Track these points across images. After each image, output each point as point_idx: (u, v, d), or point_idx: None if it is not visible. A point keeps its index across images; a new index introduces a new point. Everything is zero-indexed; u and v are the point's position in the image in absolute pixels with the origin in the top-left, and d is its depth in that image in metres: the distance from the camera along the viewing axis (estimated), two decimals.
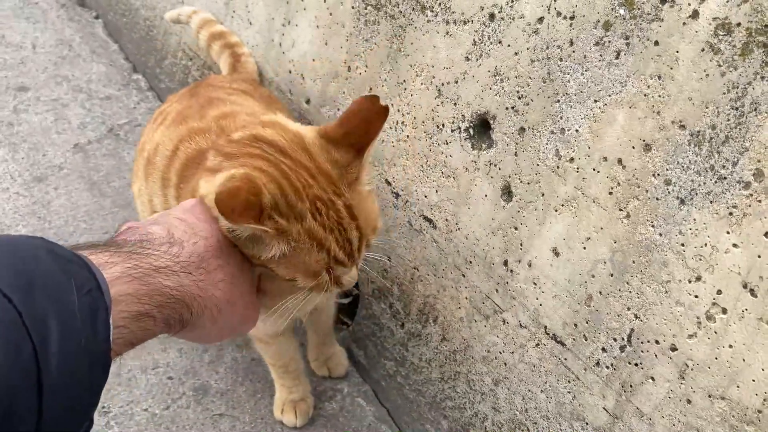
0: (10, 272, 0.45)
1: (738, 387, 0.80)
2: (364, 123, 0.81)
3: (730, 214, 0.78)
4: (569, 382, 1.03)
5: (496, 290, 1.11)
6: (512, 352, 1.11)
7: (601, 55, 0.87)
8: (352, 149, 0.82)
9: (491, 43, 1.01)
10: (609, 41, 0.86)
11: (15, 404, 0.41)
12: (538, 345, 1.06)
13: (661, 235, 0.85)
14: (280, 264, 0.79)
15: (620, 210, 0.89)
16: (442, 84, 1.12)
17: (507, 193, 1.05)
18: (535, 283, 1.04)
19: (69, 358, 0.45)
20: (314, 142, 0.83)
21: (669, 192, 0.83)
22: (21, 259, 0.47)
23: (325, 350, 1.50)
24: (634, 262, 0.89)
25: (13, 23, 2.57)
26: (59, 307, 0.46)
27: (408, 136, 1.22)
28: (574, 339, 1.00)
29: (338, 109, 1.40)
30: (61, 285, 0.47)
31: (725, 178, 0.77)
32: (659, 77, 0.81)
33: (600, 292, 0.95)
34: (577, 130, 0.92)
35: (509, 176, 1.04)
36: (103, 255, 0.55)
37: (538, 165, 0.99)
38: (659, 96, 0.82)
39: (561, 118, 0.94)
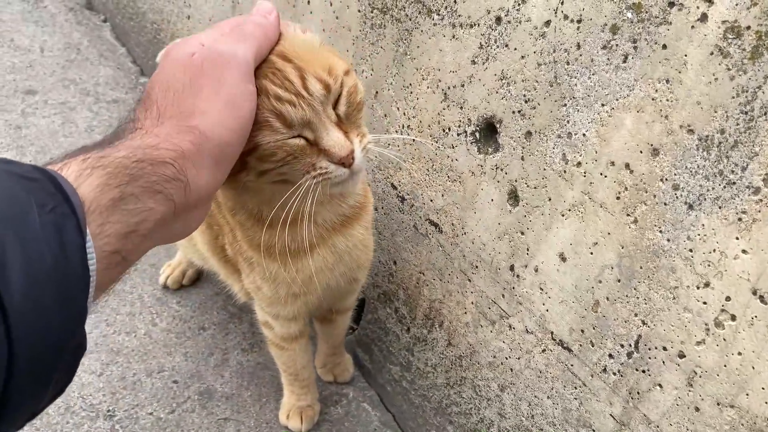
0: None
1: (747, 395, 0.79)
2: None
3: (740, 219, 0.77)
4: (576, 388, 1.02)
5: (503, 295, 1.10)
6: (518, 358, 1.10)
7: (608, 59, 0.86)
8: None
9: (498, 46, 1.01)
10: (616, 45, 0.85)
11: None
12: (544, 351, 1.05)
13: (669, 240, 0.84)
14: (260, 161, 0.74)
15: (628, 215, 0.88)
16: (449, 87, 1.11)
17: (513, 197, 1.04)
18: (541, 289, 1.03)
19: (34, 280, 0.42)
20: None
21: (677, 197, 0.82)
22: None
23: (334, 359, 1.50)
24: (641, 267, 0.88)
25: (22, 27, 2.58)
26: (18, 230, 0.42)
27: (414, 139, 1.22)
28: (580, 345, 0.99)
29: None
30: (19, 205, 0.43)
31: (734, 183, 0.76)
32: (667, 81, 0.81)
33: (607, 298, 0.94)
34: (584, 135, 0.91)
35: (516, 180, 1.03)
36: (74, 163, 0.51)
37: (544, 169, 0.98)
38: (667, 100, 0.81)
39: (568, 122, 0.93)
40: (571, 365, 1.01)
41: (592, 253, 0.94)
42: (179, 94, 0.61)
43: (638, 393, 0.92)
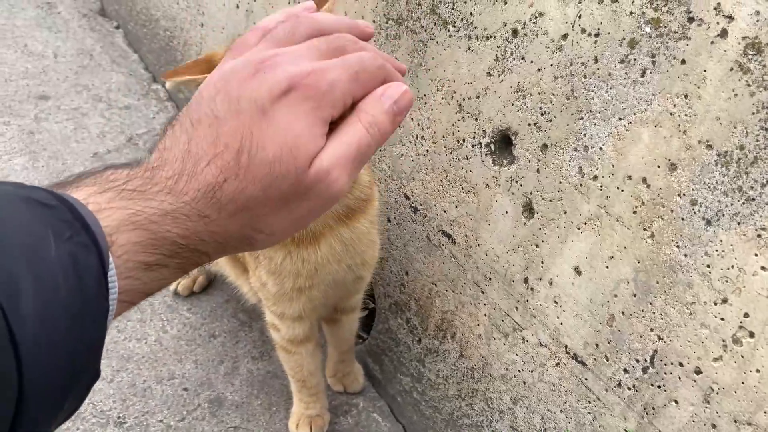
0: None
1: (765, 413, 0.79)
2: None
3: (758, 236, 0.76)
4: (590, 402, 1.01)
5: (516, 308, 1.10)
6: (531, 371, 1.10)
7: (626, 73, 0.86)
8: None
9: (514, 59, 1.01)
10: (634, 59, 0.85)
11: None
12: (558, 364, 1.05)
13: (686, 255, 0.84)
14: None
15: (644, 229, 0.88)
16: (464, 99, 1.11)
17: (528, 209, 1.04)
18: (556, 302, 1.03)
19: (47, 313, 0.40)
20: None
21: (695, 212, 0.82)
22: None
23: (343, 367, 1.49)
24: (658, 282, 0.88)
25: (36, 32, 2.60)
26: (31, 260, 0.40)
27: (428, 150, 1.22)
28: (595, 359, 0.99)
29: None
30: (34, 236, 0.41)
31: (753, 199, 0.76)
32: (686, 96, 0.80)
33: (623, 312, 0.93)
34: (600, 148, 0.91)
35: (531, 193, 1.03)
36: (99, 196, 0.47)
37: (560, 182, 0.98)
38: (686, 115, 0.81)
39: (584, 135, 0.93)
40: (585, 379, 1.01)
41: (607, 267, 0.94)
42: (236, 176, 0.50)
43: (653, 408, 0.92)
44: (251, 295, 1.28)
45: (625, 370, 0.95)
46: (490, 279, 1.14)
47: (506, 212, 1.08)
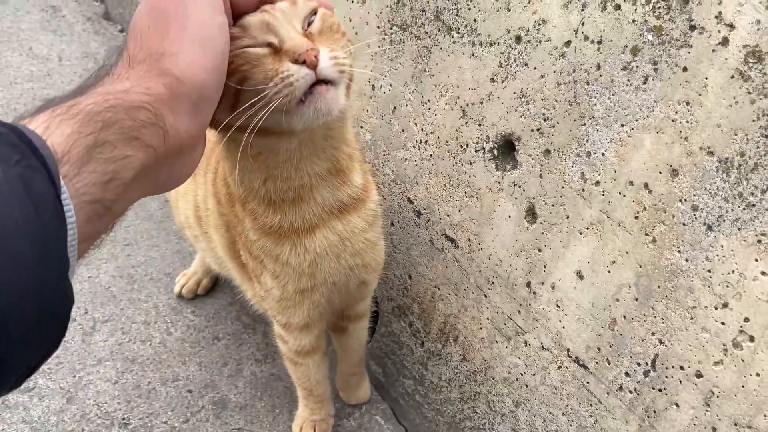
0: None
1: (765, 416, 0.80)
2: None
3: (759, 241, 0.77)
4: (591, 405, 1.02)
5: (519, 311, 1.11)
6: (534, 374, 1.11)
7: (628, 80, 0.87)
8: None
9: (517, 65, 1.02)
10: (637, 66, 0.86)
11: None
12: (560, 368, 1.06)
13: (687, 260, 0.85)
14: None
15: (646, 234, 0.89)
16: (467, 104, 1.12)
17: (531, 214, 1.05)
18: (558, 306, 1.04)
19: (4, 235, 0.40)
20: None
21: (696, 218, 0.83)
22: None
23: (355, 381, 1.49)
24: (659, 287, 0.89)
25: (41, 36, 2.61)
26: None
27: (431, 155, 1.23)
28: (597, 362, 1.00)
29: (361, 127, 1.41)
30: None
31: (754, 205, 0.77)
32: (687, 103, 0.81)
33: (624, 317, 0.94)
34: (603, 154, 0.92)
35: (533, 198, 1.04)
36: (42, 115, 0.49)
37: (563, 187, 0.99)
38: (687, 122, 0.82)
39: (587, 141, 0.94)
40: (587, 382, 1.02)
41: (609, 272, 0.95)
42: (145, 37, 0.58)
43: (654, 412, 0.93)
44: (256, 300, 1.28)
45: (627, 374, 0.96)
46: (492, 283, 1.15)
47: (509, 217, 1.09)
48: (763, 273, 0.78)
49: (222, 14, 0.63)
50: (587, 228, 0.97)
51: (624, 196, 0.91)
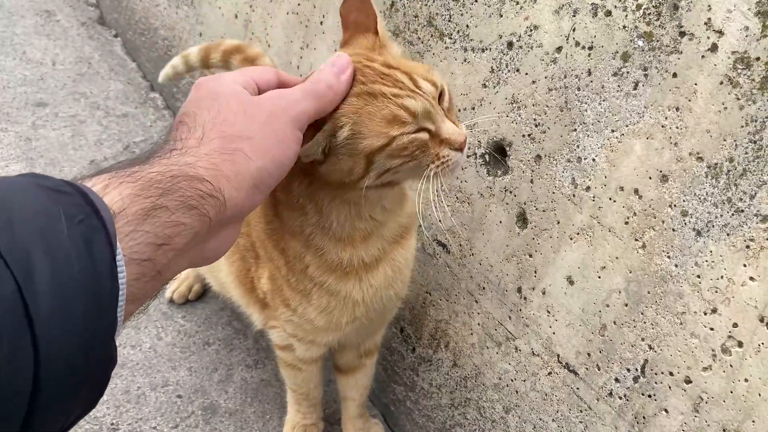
0: None
1: (753, 422, 0.80)
2: (361, 14, 0.86)
3: (747, 247, 0.78)
4: (581, 411, 1.02)
5: (509, 317, 1.11)
6: (524, 380, 1.11)
7: (619, 86, 0.88)
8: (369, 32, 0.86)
9: (509, 71, 1.02)
10: (627, 72, 0.86)
11: (3, 339, 0.38)
12: (550, 373, 1.06)
13: (676, 266, 0.85)
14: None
15: (636, 240, 0.89)
16: (459, 110, 1.13)
17: (522, 220, 1.05)
18: (548, 311, 1.04)
19: (62, 291, 0.42)
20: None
21: (685, 223, 0.83)
22: (0, 198, 0.43)
23: (362, 423, 1.43)
24: (649, 292, 0.89)
25: (34, 40, 2.61)
26: (46, 241, 0.42)
27: None
28: (587, 368, 1.00)
29: None
30: (48, 217, 0.43)
31: (742, 210, 0.77)
32: (677, 109, 0.82)
33: (614, 322, 0.94)
34: (593, 159, 0.92)
35: (524, 203, 1.04)
36: (104, 177, 0.51)
37: (553, 193, 0.99)
38: (677, 127, 0.82)
39: (578, 146, 0.94)
40: (577, 388, 1.02)
41: (599, 277, 0.95)
42: (229, 121, 0.62)
43: (644, 417, 0.93)
44: (260, 323, 1.23)
45: (617, 380, 0.96)
46: (483, 288, 1.15)
47: (500, 222, 1.09)
48: (751, 278, 0.78)
49: (302, 132, 0.68)
50: (578, 233, 0.97)
51: (614, 201, 0.91)
